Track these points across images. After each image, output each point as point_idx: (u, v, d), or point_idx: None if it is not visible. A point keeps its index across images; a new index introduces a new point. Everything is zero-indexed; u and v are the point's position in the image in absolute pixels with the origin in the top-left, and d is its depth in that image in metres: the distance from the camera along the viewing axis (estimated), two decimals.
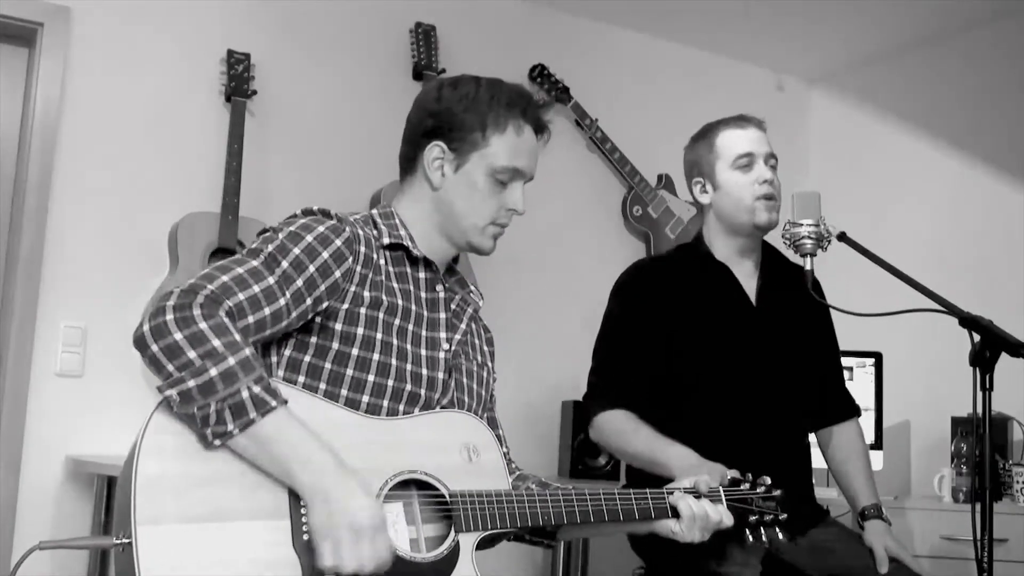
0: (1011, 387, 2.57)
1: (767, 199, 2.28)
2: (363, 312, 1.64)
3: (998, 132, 3.83)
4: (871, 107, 4.31)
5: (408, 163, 1.81)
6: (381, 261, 1.70)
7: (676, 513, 1.76)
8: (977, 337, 1.89)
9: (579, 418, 3.46)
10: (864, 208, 4.02)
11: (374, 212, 1.79)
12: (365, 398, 1.62)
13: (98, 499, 2.96)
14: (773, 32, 4.12)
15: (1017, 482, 3.22)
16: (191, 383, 1.39)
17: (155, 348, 1.41)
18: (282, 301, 1.54)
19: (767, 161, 2.31)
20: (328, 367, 1.62)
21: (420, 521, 1.56)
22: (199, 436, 1.42)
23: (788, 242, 2.13)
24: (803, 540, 2.24)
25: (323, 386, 1.61)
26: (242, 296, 1.50)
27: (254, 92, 3.32)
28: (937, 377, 3.60)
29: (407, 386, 1.66)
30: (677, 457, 2.04)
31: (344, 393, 1.61)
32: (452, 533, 1.58)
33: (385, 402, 1.64)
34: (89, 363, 3.11)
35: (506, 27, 3.89)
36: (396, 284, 1.71)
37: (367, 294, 1.65)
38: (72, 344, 3.09)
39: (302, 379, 1.62)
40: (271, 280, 1.54)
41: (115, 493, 1.51)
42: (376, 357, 1.64)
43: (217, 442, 1.41)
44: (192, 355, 1.40)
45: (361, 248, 1.65)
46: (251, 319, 1.50)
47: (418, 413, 1.67)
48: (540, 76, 3.85)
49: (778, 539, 1.86)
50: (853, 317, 2.09)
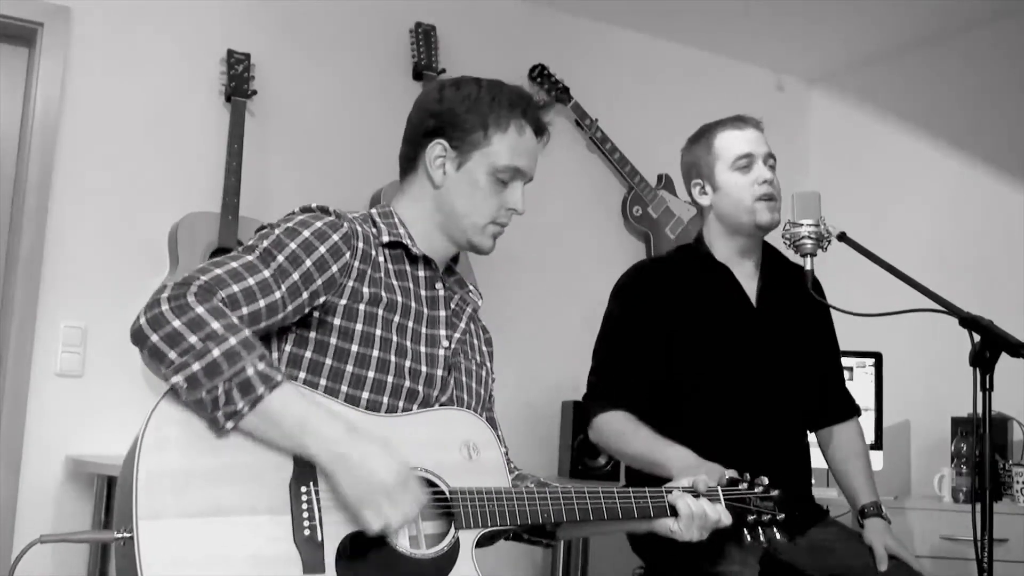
0: (1011, 387, 2.57)
1: (767, 199, 2.28)
2: (362, 308, 1.64)
3: (998, 132, 3.83)
4: (871, 107, 4.31)
5: (409, 162, 1.81)
6: (380, 258, 1.70)
7: (675, 512, 1.76)
8: (977, 337, 1.89)
9: (579, 418, 3.46)
10: (864, 208, 4.02)
11: (373, 211, 1.79)
12: (365, 394, 1.63)
13: (98, 499, 2.96)
14: (773, 32, 4.12)
15: (1017, 482, 3.22)
16: (196, 366, 1.39)
17: (155, 338, 1.41)
18: (277, 294, 1.54)
19: (766, 161, 2.31)
20: (328, 363, 1.62)
21: (420, 518, 1.56)
22: (209, 422, 1.42)
23: (788, 242, 2.13)
24: (802, 540, 2.24)
25: (324, 382, 1.61)
26: (236, 288, 1.50)
27: (254, 92, 3.32)
28: (937, 377, 3.60)
29: (406, 383, 1.66)
30: (676, 458, 2.04)
31: (344, 389, 1.62)
32: (452, 530, 1.58)
33: (385, 399, 1.64)
34: (89, 363, 3.11)
35: (506, 27, 3.89)
36: (395, 281, 1.71)
37: (366, 290, 1.65)
38: (72, 344, 3.09)
39: (303, 375, 1.62)
40: (266, 273, 1.54)
41: (116, 488, 1.51)
42: (375, 353, 1.64)
43: (229, 424, 1.42)
44: (193, 339, 1.40)
45: (359, 244, 1.65)
46: (245, 310, 1.50)
47: (417, 410, 1.67)
48: (540, 76, 3.85)
49: (776, 539, 1.86)
50: (853, 317, 2.09)
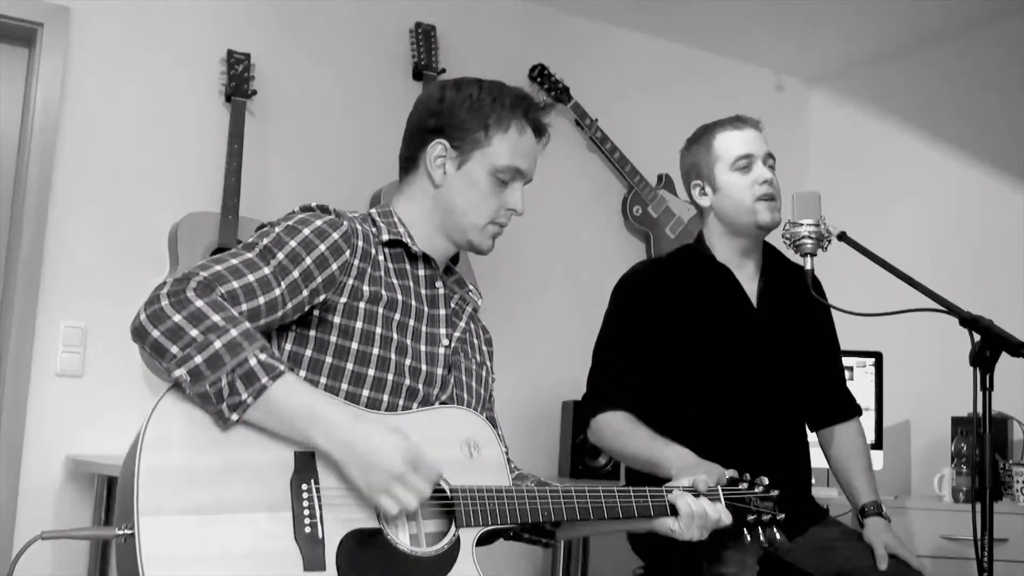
0: (1011, 387, 2.57)
1: (767, 199, 2.27)
2: (362, 306, 1.64)
3: (998, 132, 3.83)
4: (871, 107, 4.31)
5: (409, 162, 1.81)
6: (380, 257, 1.70)
7: (675, 511, 1.76)
8: (977, 337, 1.89)
9: (579, 418, 3.46)
10: (864, 208, 4.02)
11: (372, 211, 1.79)
12: (365, 392, 1.63)
13: (98, 499, 2.96)
14: (773, 32, 4.12)
15: (1017, 482, 3.22)
16: (198, 359, 1.40)
17: (156, 333, 1.41)
18: (277, 291, 1.54)
19: (765, 161, 2.31)
20: (329, 361, 1.62)
21: (420, 517, 1.56)
22: (215, 415, 1.43)
23: (788, 242, 2.13)
24: (803, 539, 2.24)
25: (324, 380, 1.62)
26: (236, 283, 1.51)
27: (254, 92, 3.32)
28: (937, 377, 3.60)
29: (406, 381, 1.67)
30: (675, 457, 2.03)
31: (344, 387, 1.62)
32: (453, 528, 1.58)
33: (385, 396, 1.64)
34: (89, 363, 3.10)
35: (506, 27, 3.89)
36: (395, 280, 1.71)
37: (366, 288, 1.65)
38: (72, 344, 3.09)
39: (303, 373, 1.62)
40: (266, 270, 1.55)
41: (117, 486, 1.51)
42: (376, 351, 1.64)
43: (234, 416, 1.42)
44: (194, 332, 1.41)
45: (359, 242, 1.66)
46: (245, 306, 1.50)
47: (418, 409, 1.67)
48: (540, 76, 3.85)
49: (776, 539, 1.86)
50: (853, 317, 2.09)
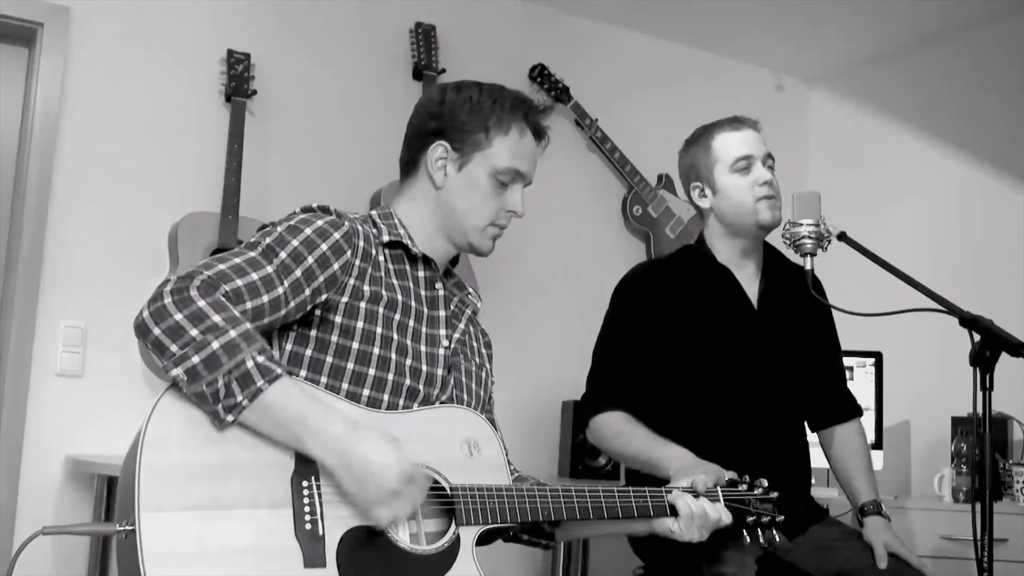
0: (1011, 387, 2.57)
1: (768, 199, 2.28)
2: (363, 306, 1.65)
3: (998, 132, 3.83)
4: (871, 107, 4.31)
5: (410, 165, 1.81)
6: (380, 258, 1.71)
7: (674, 512, 1.76)
8: (977, 337, 1.89)
9: (579, 418, 3.45)
10: (864, 208, 4.02)
11: (373, 213, 1.80)
12: (366, 392, 1.63)
13: (98, 499, 2.96)
14: (773, 32, 4.12)
15: (1017, 482, 3.22)
16: (195, 359, 1.40)
17: (157, 331, 1.42)
18: (280, 290, 1.55)
19: (764, 162, 2.31)
20: (329, 361, 1.62)
21: (420, 516, 1.57)
22: (211, 415, 1.43)
23: (788, 242, 2.13)
24: (803, 539, 2.24)
25: (324, 380, 1.62)
26: (239, 282, 1.51)
27: (254, 92, 3.32)
28: (937, 377, 3.60)
29: (406, 381, 1.67)
30: (674, 458, 2.03)
31: (345, 387, 1.62)
32: (453, 526, 1.58)
33: (385, 396, 1.65)
34: (89, 363, 3.11)
35: (506, 27, 3.89)
36: (395, 280, 1.72)
37: (367, 288, 1.66)
38: (72, 344, 3.09)
39: (304, 373, 1.62)
40: (269, 269, 1.55)
41: (118, 483, 1.51)
42: (376, 351, 1.64)
43: (230, 417, 1.42)
44: (194, 332, 1.41)
45: (360, 243, 1.66)
46: (248, 305, 1.51)
47: (418, 408, 1.68)
48: (540, 76, 3.85)
49: (776, 540, 1.86)
50: (853, 317, 2.09)
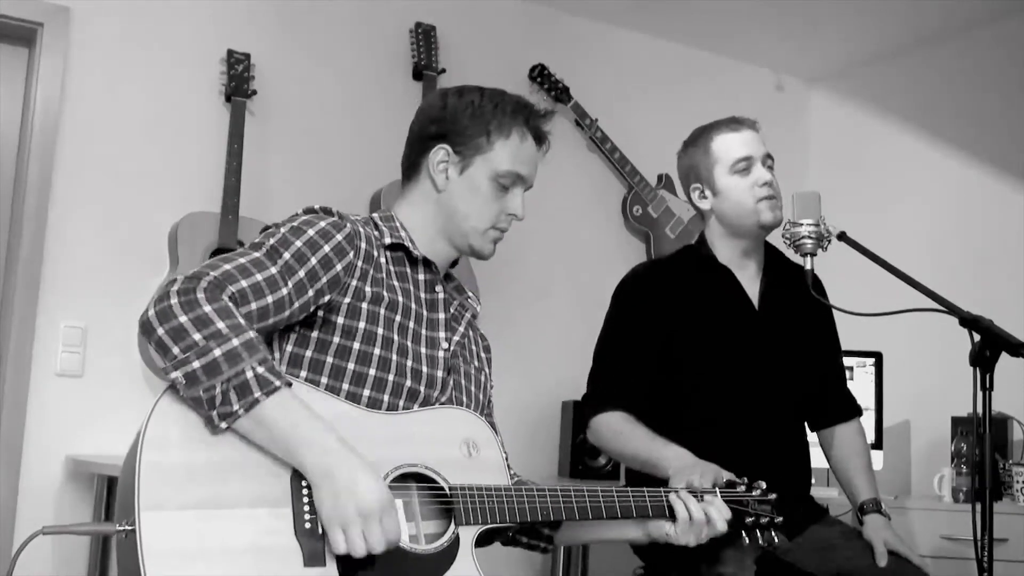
0: (1011, 387, 2.57)
1: (769, 199, 2.28)
2: (364, 307, 1.65)
3: (998, 132, 3.83)
4: (871, 107, 4.31)
5: (411, 169, 1.82)
6: (382, 260, 1.71)
7: (673, 514, 1.77)
8: (977, 337, 1.89)
9: (579, 418, 3.46)
10: (864, 208, 4.02)
11: (374, 216, 1.81)
12: (366, 392, 1.63)
13: (98, 499, 2.96)
14: (773, 32, 4.12)
15: (1017, 482, 3.22)
16: (196, 364, 1.41)
17: (161, 331, 1.43)
18: (284, 290, 1.56)
19: (764, 162, 2.31)
20: (330, 361, 1.63)
21: (419, 517, 1.57)
22: (205, 420, 1.43)
23: (788, 242, 2.13)
24: (803, 539, 2.24)
25: (325, 380, 1.62)
26: (245, 283, 1.52)
27: (254, 92, 3.32)
28: (937, 377, 3.60)
29: (407, 382, 1.67)
30: (673, 458, 2.03)
31: (345, 387, 1.62)
32: (452, 526, 1.58)
33: (385, 397, 1.65)
34: (89, 363, 3.11)
35: (506, 27, 3.88)
36: (396, 282, 1.72)
37: (368, 289, 1.66)
38: (72, 344, 3.09)
39: (304, 374, 1.62)
40: (273, 270, 1.56)
41: (118, 483, 1.51)
42: (377, 351, 1.65)
43: (223, 424, 1.42)
44: (197, 336, 1.41)
45: (362, 244, 1.67)
46: (253, 306, 1.52)
47: (418, 409, 1.68)
48: (540, 76, 3.84)
49: (775, 541, 1.86)
50: (853, 317, 2.09)
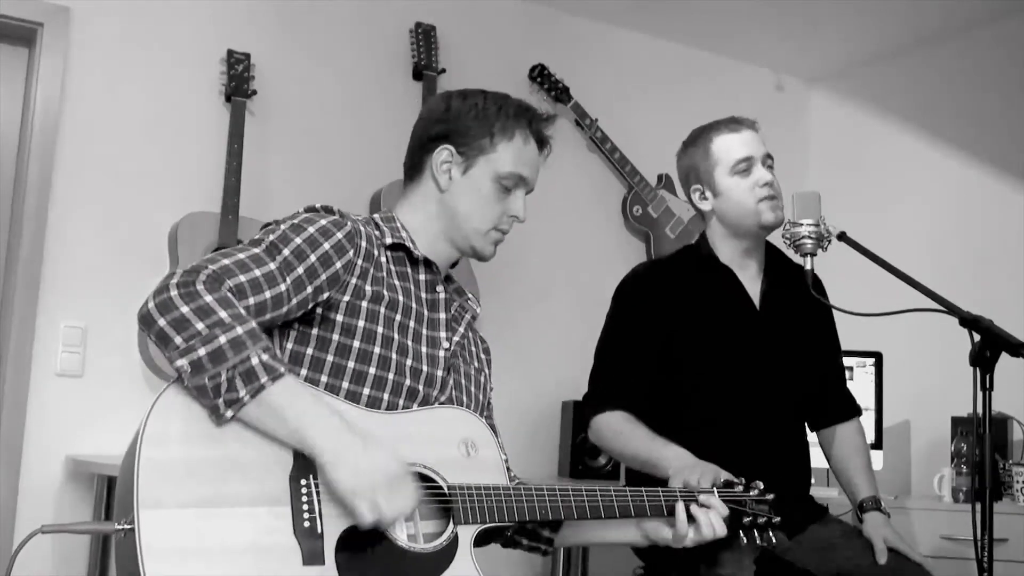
0: (1011, 387, 2.57)
1: (769, 200, 2.28)
2: (364, 305, 1.65)
3: (998, 132, 3.83)
4: (871, 107, 4.31)
5: (414, 170, 1.83)
6: (382, 259, 1.71)
7: (672, 513, 1.77)
8: (977, 337, 1.89)
9: (579, 418, 3.46)
10: (864, 208, 4.02)
11: (375, 216, 1.81)
12: (366, 391, 1.63)
13: (98, 499, 2.96)
14: (773, 32, 4.12)
15: (1017, 482, 3.22)
16: (201, 351, 1.41)
17: (162, 322, 1.43)
18: (283, 286, 1.56)
19: (764, 162, 2.31)
20: (330, 359, 1.63)
21: (418, 516, 1.57)
22: (210, 409, 1.43)
23: (788, 242, 2.13)
24: (803, 538, 2.24)
25: (325, 379, 1.62)
26: (243, 278, 1.52)
27: (254, 92, 3.32)
28: (937, 377, 3.60)
29: (406, 381, 1.67)
30: (673, 458, 2.03)
31: (345, 386, 1.63)
32: (451, 525, 1.58)
33: (385, 395, 1.65)
34: (89, 363, 3.11)
35: (506, 27, 3.88)
36: (397, 282, 1.73)
37: (368, 288, 1.66)
38: (72, 344, 3.09)
39: (304, 372, 1.63)
40: (272, 266, 1.56)
41: (117, 482, 1.51)
42: (377, 350, 1.65)
43: (229, 412, 1.43)
44: (200, 326, 1.42)
45: (362, 243, 1.67)
46: (252, 300, 1.52)
47: (417, 408, 1.68)
48: (540, 76, 3.84)
49: (773, 541, 1.86)
50: (853, 317, 2.09)
